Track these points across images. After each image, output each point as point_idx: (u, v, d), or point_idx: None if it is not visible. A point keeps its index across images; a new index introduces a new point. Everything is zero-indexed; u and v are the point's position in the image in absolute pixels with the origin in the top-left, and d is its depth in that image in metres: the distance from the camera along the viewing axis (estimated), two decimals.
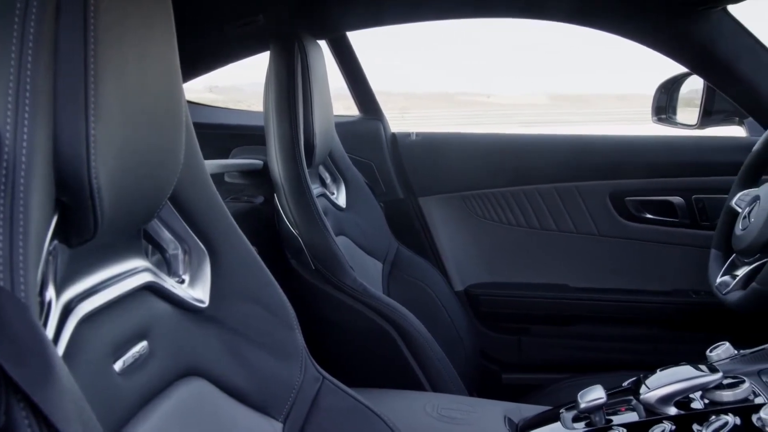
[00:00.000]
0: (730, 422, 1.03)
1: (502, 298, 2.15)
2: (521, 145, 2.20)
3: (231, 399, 0.88)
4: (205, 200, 0.89)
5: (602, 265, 2.13)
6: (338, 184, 1.84)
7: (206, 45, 1.77)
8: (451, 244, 2.19)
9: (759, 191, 1.56)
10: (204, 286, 0.89)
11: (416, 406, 1.26)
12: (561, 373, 1.95)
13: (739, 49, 1.76)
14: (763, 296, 1.41)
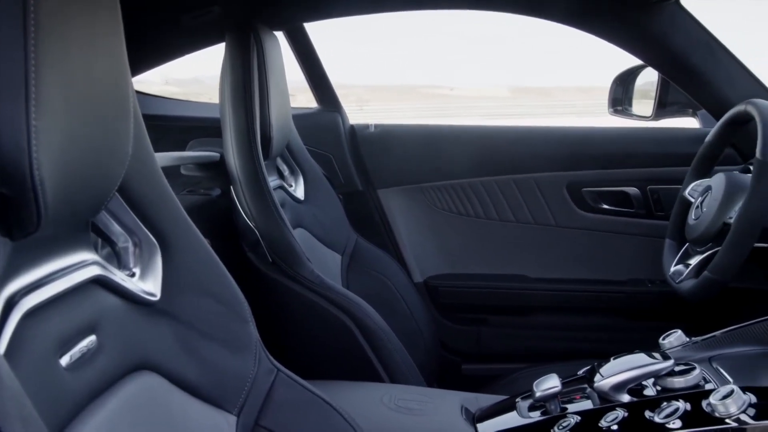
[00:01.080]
0: (680, 408, 1.04)
1: (462, 290, 2.16)
2: (479, 137, 2.21)
3: (183, 393, 0.87)
4: (155, 192, 0.88)
5: (560, 256, 2.15)
6: (296, 177, 1.83)
7: (161, 36, 1.75)
8: (411, 235, 2.19)
9: (711, 181, 1.59)
10: (155, 279, 0.87)
11: (373, 397, 1.26)
12: (520, 363, 1.97)
13: (692, 42, 1.78)
14: (714, 284, 1.44)
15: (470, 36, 51.31)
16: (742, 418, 1.00)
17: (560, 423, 1.10)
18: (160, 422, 0.81)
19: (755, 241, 1.40)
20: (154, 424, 0.79)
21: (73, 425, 0.67)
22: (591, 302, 2.13)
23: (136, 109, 0.80)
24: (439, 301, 2.17)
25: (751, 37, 35.26)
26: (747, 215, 1.38)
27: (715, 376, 1.23)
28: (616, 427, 1.05)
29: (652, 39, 1.79)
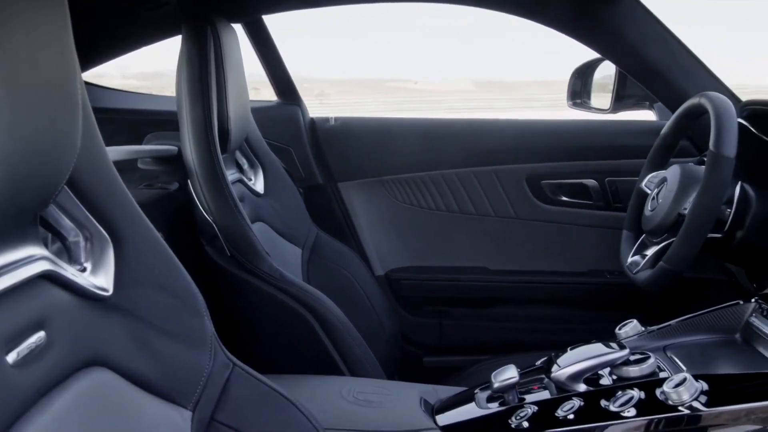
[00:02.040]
0: (635, 396, 1.06)
1: (423, 282, 2.17)
2: (439, 130, 2.21)
3: (137, 388, 0.85)
4: (106, 186, 0.86)
5: (520, 248, 2.16)
6: (255, 170, 1.82)
7: (116, 28, 1.72)
8: (371, 229, 2.19)
9: (666, 173, 1.61)
10: (107, 274, 0.86)
11: (332, 390, 1.26)
12: (481, 355, 1.98)
13: (647, 35, 1.81)
14: (669, 274, 1.46)
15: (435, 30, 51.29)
16: (694, 405, 1.02)
17: (518, 413, 1.11)
18: (112, 418, 0.80)
19: (708, 232, 1.42)
20: (105, 421, 0.78)
21: (19, 423, 0.66)
22: (551, 293, 2.15)
23: (85, 101, 0.78)
24: (400, 294, 2.17)
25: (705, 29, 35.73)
26: (700, 206, 1.40)
27: (669, 365, 1.25)
28: (573, 416, 1.07)
29: (608, 32, 1.81)
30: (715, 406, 1.02)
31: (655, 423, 1.02)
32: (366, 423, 1.15)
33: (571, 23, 1.84)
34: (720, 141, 1.39)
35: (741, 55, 36.26)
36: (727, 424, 1.01)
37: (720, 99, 1.46)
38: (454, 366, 1.98)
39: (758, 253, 1.45)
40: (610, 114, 2.11)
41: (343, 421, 1.15)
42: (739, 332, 1.35)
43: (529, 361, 1.32)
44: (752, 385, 1.06)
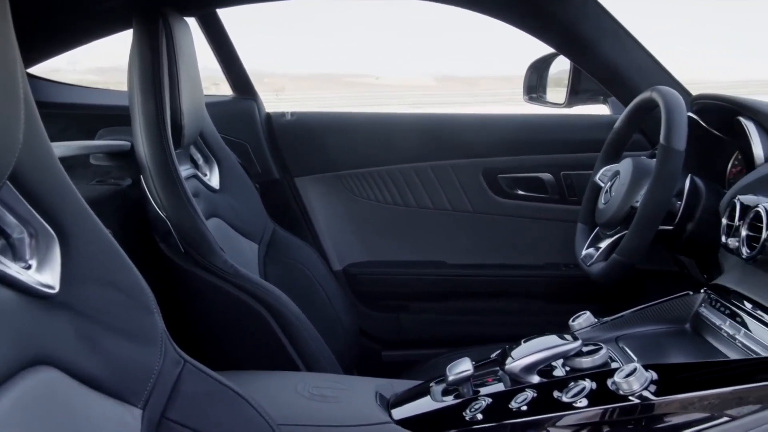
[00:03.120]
0: (587, 387, 1.07)
1: (381, 277, 2.17)
2: (396, 125, 2.21)
3: (85, 387, 0.84)
4: (51, 181, 0.85)
5: (477, 242, 2.18)
6: (211, 165, 1.80)
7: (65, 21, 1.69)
8: (329, 223, 2.19)
9: (619, 166, 1.63)
10: (53, 271, 0.84)
11: (287, 386, 1.26)
12: (440, 349, 1.99)
13: (601, 30, 1.83)
14: (622, 266, 1.48)
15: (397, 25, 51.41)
16: (644, 394, 1.03)
17: (472, 405, 1.12)
18: (58, 418, 0.78)
19: (660, 224, 1.45)
20: (51, 420, 0.77)
21: None
22: (509, 287, 2.17)
23: (27, 95, 0.76)
24: (358, 288, 2.17)
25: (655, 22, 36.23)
26: (651, 199, 1.42)
27: (621, 355, 1.27)
28: (526, 408, 1.08)
29: (562, 27, 1.83)
30: (665, 395, 1.03)
31: (606, 413, 1.04)
32: (320, 418, 1.15)
33: (525, 18, 1.86)
34: (670, 134, 1.41)
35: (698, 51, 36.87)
36: (676, 413, 1.03)
37: (670, 93, 1.48)
38: (413, 360, 1.98)
39: (708, 245, 1.47)
40: (565, 108, 2.13)
41: (297, 416, 1.15)
42: (689, 322, 1.38)
43: (486, 354, 1.33)
44: (701, 374, 1.08)
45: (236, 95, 2.17)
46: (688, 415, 1.02)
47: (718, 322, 1.29)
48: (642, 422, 1.03)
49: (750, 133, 1.46)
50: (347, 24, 58.19)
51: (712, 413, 1.02)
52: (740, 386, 1.03)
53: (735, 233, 1.33)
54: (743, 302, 1.27)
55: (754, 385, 1.03)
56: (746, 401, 1.02)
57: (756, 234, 1.26)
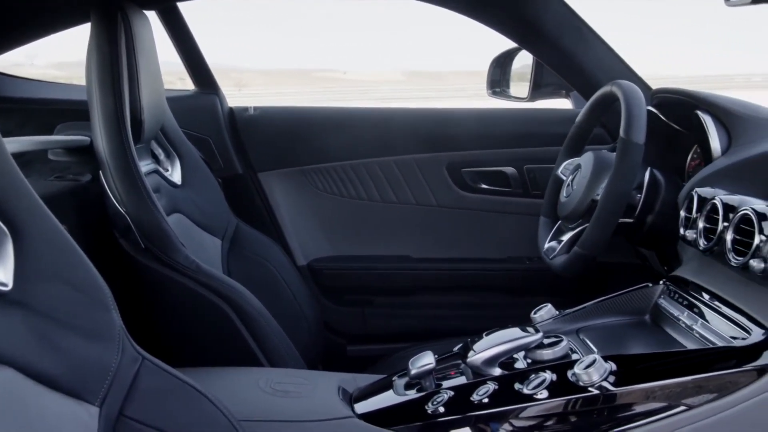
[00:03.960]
0: (547, 379, 1.08)
1: (346, 271, 2.17)
2: (360, 119, 2.21)
3: (40, 386, 0.83)
4: (3, 177, 0.83)
5: (442, 235, 2.18)
6: (172, 161, 1.78)
7: (21, 14, 1.66)
8: (293, 218, 2.18)
9: (581, 160, 1.64)
10: (6, 268, 0.83)
11: (249, 381, 1.25)
12: (405, 343, 1.99)
13: (562, 25, 1.84)
14: (583, 259, 1.49)
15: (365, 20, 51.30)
16: (603, 385, 1.04)
17: (434, 398, 1.12)
18: (13, 417, 0.77)
19: (620, 217, 1.46)
20: (6, 420, 0.76)
21: None
22: (473, 280, 2.17)
23: None
24: (323, 283, 2.17)
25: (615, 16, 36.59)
26: (611, 192, 1.43)
27: (581, 347, 1.28)
28: (487, 400, 1.08)
29: (524, 22, 1.84)
30: (624, 385, 1.04)
31: (566, 404, 1.04)
32: (282, 413, 1.14)
33: (487, 13, 1.86)
34: (630, 128, 1.42)
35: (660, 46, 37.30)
36: (635, 402, 1.04)
37: (630, 87, 1.49)
38: (378, 354, 1.98)
39: (667, 237, 1.49)
40: (528, 102, 2.14)
41: (259, 412, 1.14)
42: (649, 314, 1.39)
43: (450, 348, 1.33)
44: (659, 364, 1.09)
45: (198, 90, 2.15)
46: (646, 404, 1.04)
47: (676, 313, 1.30)
48: (601, 413, 1.04)
49: (707, 126, 1.48)
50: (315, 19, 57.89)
51: (670, 402, 1.04)
52: (697, 376, 1.04)
53: (693, 225, 1.35)
54: (701, 293, 1.29)
55: (711, 375, 1.04)
56: (703, 390, 1.04)
57: (713, 226, 1.28)
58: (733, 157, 1.41)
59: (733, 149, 1.44)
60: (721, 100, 1.52)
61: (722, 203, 1.26)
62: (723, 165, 1.41)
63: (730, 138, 1.46)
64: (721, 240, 1.23)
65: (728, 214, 1.23)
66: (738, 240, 1.19)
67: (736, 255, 1.18)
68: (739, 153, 1.41)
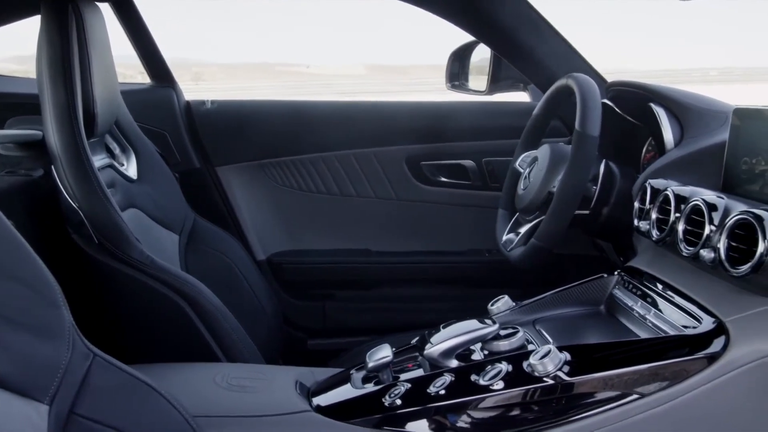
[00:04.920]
0: (503, 370, 1.08)
1: (305, 266, 2.16)
2: (319, 113, 2.20)
3: None
4: None
5: (402, 229, 2.18)
6: (128, 155, 1.76)
7: None
8: (252, 213, 2.16)
9: (537, 153, 1.66)
10: None
11: (205, 377, 1.23)
12: (366, 336, 1.99)
13: (519, 18, 1.85)
14: (540, 251, 1.51)
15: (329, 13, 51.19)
16: (558, 375, 1.05)
17: (391, 391, 1.12)
18: None
19: (576, 209, 1.47)
20: None
21: None
22: (433, 273, 2.18)
23: None
24: (282, 278, 2.16)
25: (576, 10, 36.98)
26: (567, 184, 1.45)
27: (537, 338, 1.29)
28: (444, 392, 1.08)
29: (481, 16, 1.84)
30: (578, 375, 1.05)
31: (521, 394, 1.05)
32: (238, 408, 1.13)
33: (444, 6, 1.86)
34: (584, 120, 1.44)
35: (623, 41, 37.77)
36: (589, 392, 1.05)
37: (585, 80, 1.50)
38: (339, 348, 1.98)
39: (622, 228, 1.51)
40: (486, 95, 2.15)
41: (214, 407, 1.13)
42: (604, 304, 1.41)
43: (409, 341, 1.33)
44: (612, 354, 1.11)
45: (154, 83, 2.12)
46: (600, 393, 1.05)
47: (630, 303, 1.32)
48: (555, 402, 1.06)
49: (660, 119, 1.51)
50: (279, 13, 57.65)
51: (623, 391, 1.05)
52: (649, 364, 1.06)
53: (646, 216, 1.37)
54: (655, 283, 1.31)
55: (663, 363, 1.06)
56: (655, 379, 1.05)
57: (665, 217, 1.29)
58: (685, 148, 1.44)
59: (685, 141, 1.46)
60: (674, 93, 1.55)
61: (674, 194, 1.28)
62: (675, 157, 1.43)
63: (683, 130, 1.48)
64: (673, 230, 1.25)
65: (680, 204, 1.25)
66: (689, 230, 1.21)
67: (687, 245, 1.20)
68: (691, 145, 1.43)
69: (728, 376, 1.03)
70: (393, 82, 16.00)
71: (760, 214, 1.05)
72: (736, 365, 1.03)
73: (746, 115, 1.24)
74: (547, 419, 1.05)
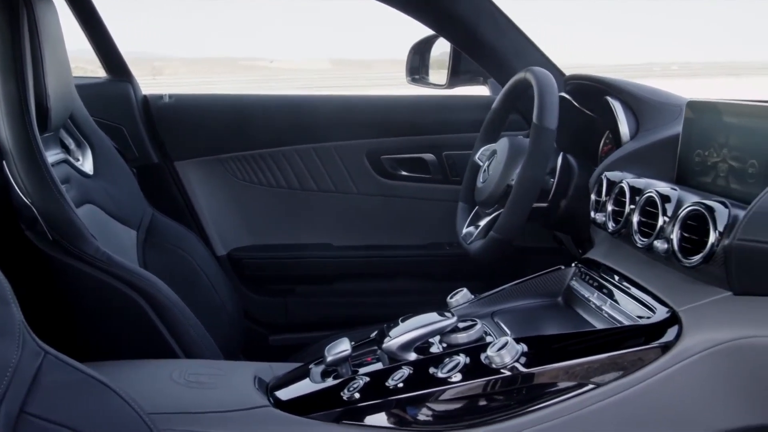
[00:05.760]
0: (461, 362, 1.09)
1: (266, 261, 2.15)
2: (278, 107, 2.19)
3: None
4: None
5: (363, 223, 2.18)
6: (83, 150, 1.73)
7: None
8: (211, 208, 2.14)
9: (496, 146, 1.66)
10: None
11: (162, 374, 1.22)
12: (328, 331, 1.98)
13: (478, 12, 1.86)
14: (499, 244, 1.51)
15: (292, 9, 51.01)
16: (515, 366, 1.06)
17: (350, 385, 1.12)
18: None
19: (534, 202, 1.48)
20: None
21: None
22: (395, 267, 2.18)
23: None
24: (243, 273, 2.14)
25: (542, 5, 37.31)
26: (525, 177, 1.46)
27: (495, 330, 1.30)
28: (402, 385, 1.09)
29: (440, 10, 1.85)
30: (535, 366, 1.06)
31: (478, 386, 1.06)
32: (195, 405, 1.12)
33: (404, 1, 1.86)
34: (542, 113, 1.45)
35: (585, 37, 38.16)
36: (545, 382, 1.06)
37: (542, 73, 1.52)
38: (301, 343, 1.98)
39: (580, 221, 1.52)
40: (446, 89, 2.16)
41: (170, 404, 1.12)
42: (561, 296, 1.43)
43: (370, 335, 1.33)
44: (569, 345, 1.12)
45: (110, 77, 2.10)
46: (556, 384, 1.06)
47: (586, 294, 1.34)
48: (513, 393, 1.07)
49: (616, 112, 1.52)
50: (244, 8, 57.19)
51: (579, 381, 1.06)
52: (604, 355, 1.07)
53: (602, 208, 1.39)
54: (611, 275, 1.33)
55: (618, 353, 1.08)
56: (610, 369, 1.07)
57: (621, 209, 1.31)
58: (641, 141, 1.45)
59: (641, 134, 1.48)
60: (630, 87, 1.56)
61: (629, 186, 1.30)
62: (631, 149, 1.45)
63: (639, 123, 1.50)
64: (628, 222, 1.26)
65: (635, 196, 1.27)
66: (643, 222, 1.23)
67: (642, 236, 1.22)
68: (646, 137, 1.45)
69: (681, 365, 1.05)
70: (358, 77, 15.98)
71: (711, 205, 1.06)
72: (689, 354, 1.05)
73: (699, 108, 1.26)
74: (504, 410, 1.06)
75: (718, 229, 1.03)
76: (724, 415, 1.06)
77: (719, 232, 1.03)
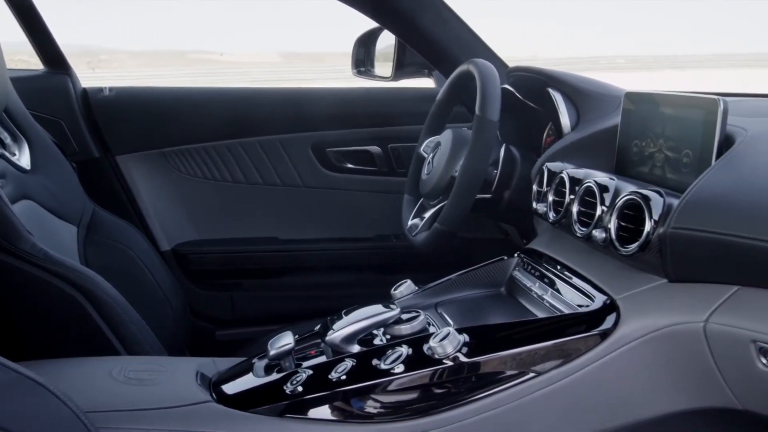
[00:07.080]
0: (404, 353, 1.09)
1: (212, 255, 2.13)
2: (222, 99, 2.17)
3: None
4: None
5: (309, 216, 2.18)
6: (20, 144, 1.68)
7: None
8: (154, 203, 2.11)
9: (440, 138, 1.67)
10: None
11: (101, 371, 1.20)
12: (275, 325, 1.97)
13: (421, 5, 1.86)
14: (443, 235, 1.52)
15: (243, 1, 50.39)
16: (457, 356, 1.06)
17: (293, 379, 1.11)
18: None
19: (477, 193, 1.50)
20: None
21: None
22: (341, 260, 2.18)
23: None
24: (188, 268, 2.12)
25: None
26: (467, 168, 1.47)
27: (438, 321, 1.31)
28: (345, 377, 1.08)
29: (384, 2, 1.84)
30: (476, 356, 1.07)
31: (420, 377, 1.06)
32: (135, 402, 1.10)
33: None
34: (484, 105, 1.46)
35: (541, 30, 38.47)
36: (487, 372, 1.07)
37: (484, 65, 1.52)
38: (249, 338, 1.96)
39: (524, 212, 1.54)
40: (392, 81, 2.16)
41: (109, 402, 1.09)
42: (504, 286, 1.44)
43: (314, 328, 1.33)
44: (510, 334, 1.13)
45: (48, 70, 2.05)
46: (497, 373, 1.07)
47: (529, 284, 1.35)
48: (455, 383, 1.07)
49: (557, 103, 1.54)
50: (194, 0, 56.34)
51: (521, 370, 1.07)
52: (545, 343, 1.08)
53: (543, 199, 1.40)
54: (553, 264, 1.34)
55: (557, 341, 1.09)
56: (550, 357, 1.08)
57: (561, 199, 1.33)
58: (581, 132, 1.47)
59: (581, 125, 1.50)
60: (570, 78, 1.58)
61: (569, 177, 1.31)
62: (571, 140, 1.47)
63: (579, 114, 1.52)
64: (568, 212, 1.28)
65: (574, 187, 1.29)
66: (583, 212, 1.24)
67: (581, 226, 1.23)
68: (586, 128, 1.47)
69: (619, 352, 1.07)
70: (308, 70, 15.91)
71: (647, 194, 1.08)
72: (627, 341, 1.06)
73: (637, 99, 1.28)
74: (447, 400, 1.07)
75: (654, 217, 1.05)
76: (662, 399, 1.08)
77: (654, 221, 1.05)
